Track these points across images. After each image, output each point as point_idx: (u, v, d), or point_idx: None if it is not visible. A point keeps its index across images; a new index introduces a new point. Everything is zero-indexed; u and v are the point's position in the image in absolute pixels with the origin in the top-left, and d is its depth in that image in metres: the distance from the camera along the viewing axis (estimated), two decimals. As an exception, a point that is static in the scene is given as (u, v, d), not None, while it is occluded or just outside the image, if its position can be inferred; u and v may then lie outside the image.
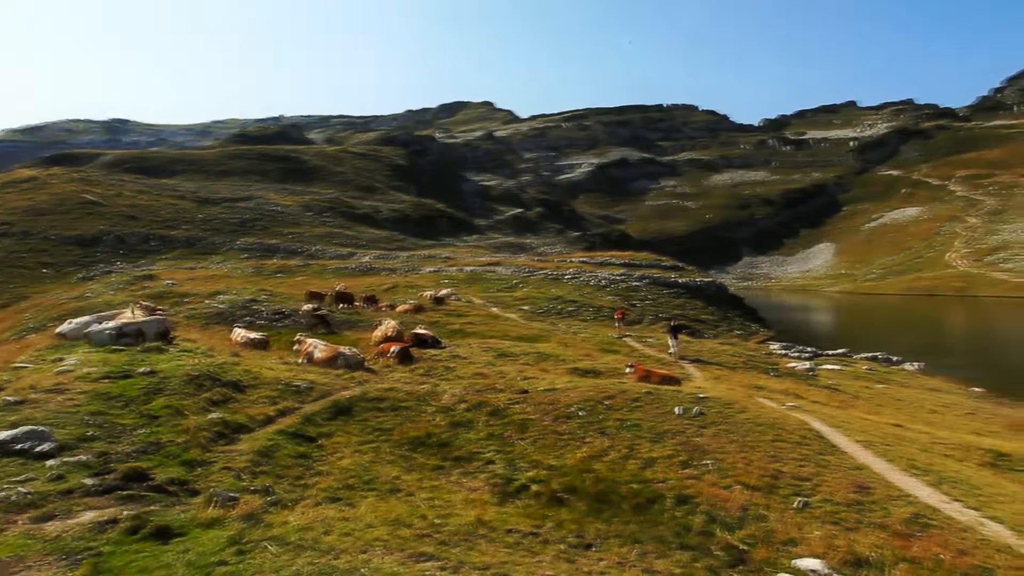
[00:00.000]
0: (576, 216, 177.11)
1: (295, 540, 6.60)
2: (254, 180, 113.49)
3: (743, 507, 9.38)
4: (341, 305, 33.93)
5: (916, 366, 38.17)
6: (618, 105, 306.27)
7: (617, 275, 56.36)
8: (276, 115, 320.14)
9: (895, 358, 39.72)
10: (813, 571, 7.91)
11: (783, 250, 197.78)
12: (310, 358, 16.50)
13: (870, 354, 39.85)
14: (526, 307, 42.18)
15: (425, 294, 40.70)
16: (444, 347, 21.13)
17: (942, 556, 8.21)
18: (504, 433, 12.31)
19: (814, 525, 9.05)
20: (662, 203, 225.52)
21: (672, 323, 28.53)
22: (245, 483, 8.34)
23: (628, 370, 18.44)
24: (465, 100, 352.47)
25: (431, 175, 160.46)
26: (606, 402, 13.64)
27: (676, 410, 13.21)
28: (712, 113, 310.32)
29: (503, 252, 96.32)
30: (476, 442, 11.87)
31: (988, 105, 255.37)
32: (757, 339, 46.11)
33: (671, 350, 26.61)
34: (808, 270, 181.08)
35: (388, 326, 21.58)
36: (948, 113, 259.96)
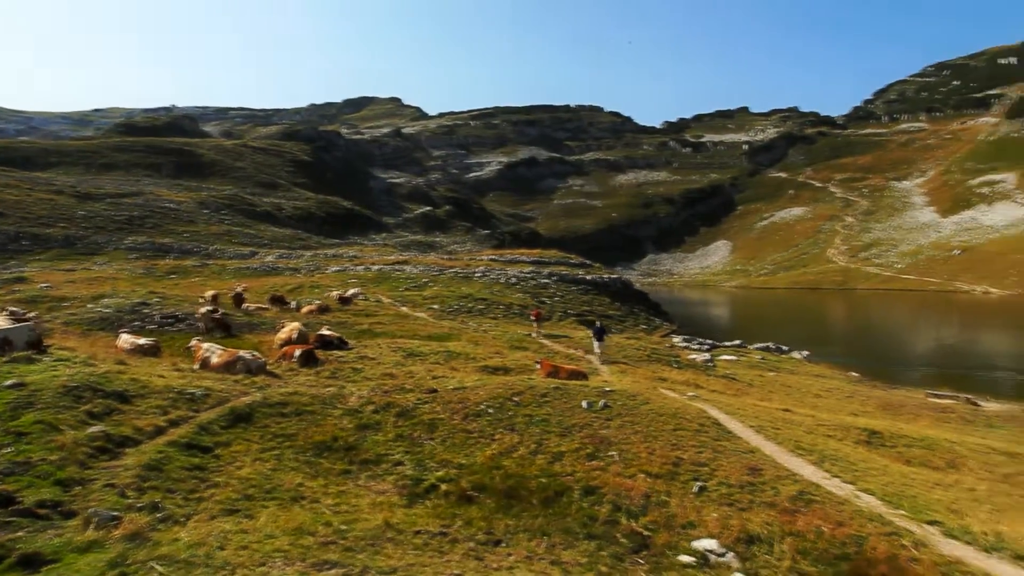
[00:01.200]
0: (486, 214, 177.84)
1: (185, 557, 6.20)
2: (143, 174, 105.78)
3: (646, 494, 9.74)
4: (242, 307, 32.34)
5: (803, 354, 41.12)
6: (526, 104, 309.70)
7: (526, 273, 57.02)
8: (166, 105, 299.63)
9: (785, 347, 42.60)
10: (710, 551, 8.35)
11: (684, 247, 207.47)
12: (206, 363, 15.60)
13: (763, 344, 42.52)
14: (436, 306, 41.87)
15: (331, 294, 39.50)
16: (351, 348, 20.60)
17: (823, 528, 8.88)
18: (413, 434, 12.16)
19: (711, 507, 9.54)
20: (570, 202, 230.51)
21: (597, 324, 27.49)
22: (130, 500, 7.75)
23: (537, 366, 18.70)
24: (371, 96, 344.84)
25: (337, 172, 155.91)
26: (515, 399, 13.77)
27: (583, 404, 13.54)
28: (617, 115, 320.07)
29: (412, 250, 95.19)
30: (384, 444, 11.65)
31: (861, 115, 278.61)
32: (661, 333, 48.09)
33: (596, 350, 25.86)
34: (707, 266, 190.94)
35: (291, 328, 20.77)
36: (828, 121, 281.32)
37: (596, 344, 25.79)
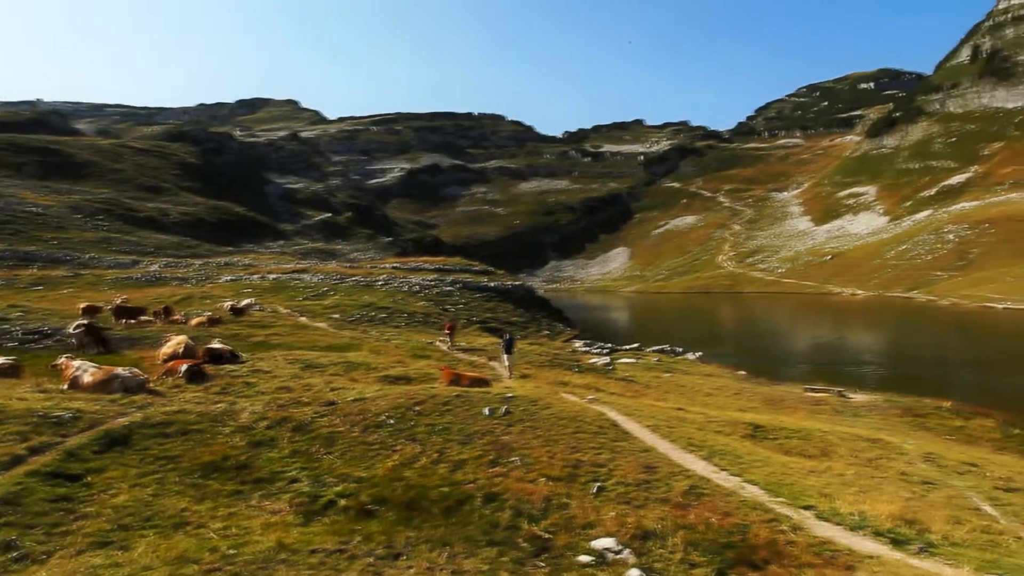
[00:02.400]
0: (388, 221, 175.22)
1: (44, 599, 5.65)
2: (2, 175, 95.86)
3: (547, 498, 9.89)
4: (123, 320, 29.97)
5: (696, 355, 43.31)
6: (429, 111, 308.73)
7: (430, 280, 56.62)
8: (31, 99, 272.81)
9: (679, 349, 44.71)
10: (607, 549, 8.58)
11: (585, 254, 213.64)
12: (76, 383, 14.30)
13: (659, 347, 44.42)
14: (336, 315, 40.66)
15: (223, 305, 37.42)
16: (244, 361, 19.60)
17: (712, 519, 9.37)
18: (310, 448, 11.72)
19: (609, 507, 9.82)
20: (473, 209, 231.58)
21: (506, 336, 25.75)
22: (-22, 540, 6.97)
23: (439, 374, 18.59)
24: (267, 97, 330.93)
25: (229, 176, 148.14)
26: (416, 408, 13.61)
27: (485, 411, 13.58)
28: (519, 124, 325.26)
29: (311, 258, 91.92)
30: (279, 461, 11.15)
31: (744, 130, 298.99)
32: (563, 338, 49.16)
33: (505, 363, 24.33)
34: (607, 272, 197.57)
35: (177, 342, 19.48)
36: (715, 135, 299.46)
37: (505, 357, 24.26)
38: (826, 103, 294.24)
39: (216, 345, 20.35)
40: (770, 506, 10.23)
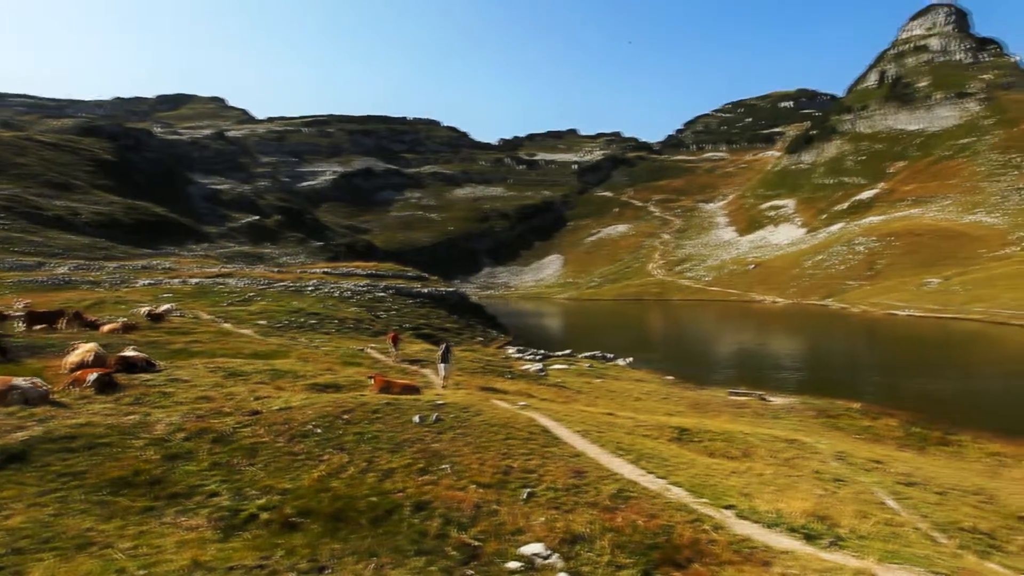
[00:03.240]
0: (320, 225, 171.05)
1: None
2: None
3: (477, 505, 9.85)
4: (35, 326, 27.89)
5: (626, 361, 44.26)
6: (362, 114, 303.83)
7: (362, 286, 55.61)
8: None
9: (610, 355, 45.57)
10: (536, 554, 8.62)
11: (519, 261, 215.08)
12: (-31, 395, 13.18)
13: (591, 353, 45.15)
14: (263, 321, 39.31)
15: (140, 310, 35.49)
16: (161, 370, 18.61)
17: (638, 522, 9.57)
18: (231, 460, 11.23)
19: (539, 512, 9.87)
20: (407, 214, 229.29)
21: (443, 345, 24.50)
22: None
23: (370, 382, 18.25)
24: (190, 93, 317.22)
25: (148, 175, 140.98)
26: (345, 416, 13.29)
27: (415, 419, 13.41)
28: (454, 129, 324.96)
29: (237, 262, 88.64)
30: (197, 474, 10.62)
31: (673, 143, 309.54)
32: (496, 344, 49.27)
33: (442, 372, 23.27)
34: (541, 279, 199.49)
35: (86, 349, 18.28)
36: (646, 146, 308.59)
37: (441, 366, 23.15)
38: (750, 119, 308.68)
39: (130, 353, 19.24)
40: (694, 507, 10.55)
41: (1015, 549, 11.96)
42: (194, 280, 54.71)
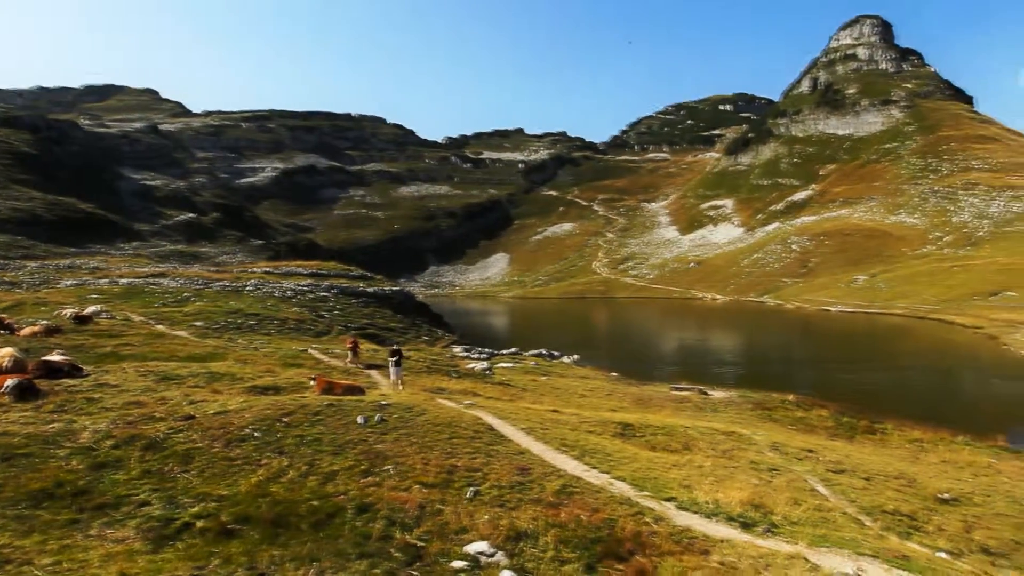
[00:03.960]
0: (260, 223, 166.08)
1: None
2: None
3: (421, 505, 9.77)
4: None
5: (572, 358, 44.76)
6: (305, 110, 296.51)
7: (304, 285, 54.35)
8: None
9: (556, 353, 46.01)
10: (481, 552, 8.62)
11: (465, 259, 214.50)
12: None
13: (536, 351, 45.46)
14: (199, 323, 37.91)
15: (64, 312, 33.59)
16: (87, 375, 17.68)
17: (582, 516, 9.70)
18: (164, 468, 10.79)
19: (483, 510, 9.87)
20: (351, 212, 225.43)
21: (394, 347, 23.54)
22: None
23: (311, 383, 17.85)
24: (120, 84, 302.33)
25: (73, 169, 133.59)
26: (285, 419, 12.96)
27: (359, 420, 13.20)
28: (399, 127, 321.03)
29: (172, 262, 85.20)
30: (126, 483, 10.15)
31: (618, 143, 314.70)
32: (442, 344, 49.00)
33: (392, 378, 22.57)
34: (487, 278, 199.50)
35: (2, 354, 17.21)
36: (591, 146, 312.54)
37: (393, 370, 22.45)
38: (690, 121, 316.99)
39: (53, 357, 18.22)
40: (636, 500, 10.76)
41: (932, 529, 12.70)
42: (124, 280, 52.27)
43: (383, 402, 15.17)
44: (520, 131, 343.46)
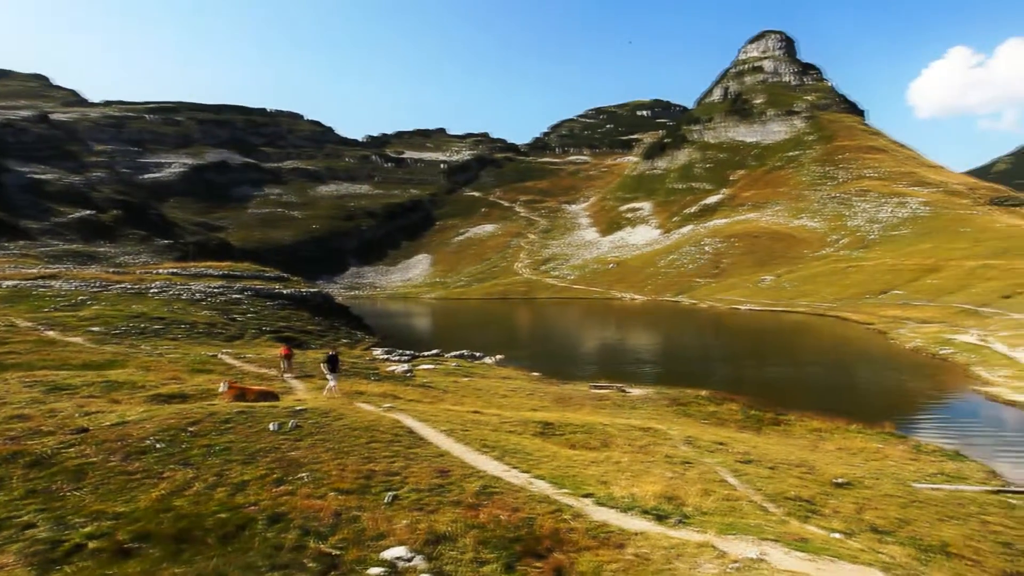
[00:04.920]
0: (166, 222, 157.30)
1: None
2: None
3: (337, 512, 9.50)
4: None
5: (494, 359, 44.88)
6: (216, 103, 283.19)
7: (215, 287, 51.85)
8: None
9: (478, 354, 45.99)
10: (399, 558, 8.47)
11: (386, 260, 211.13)
12: None
13: (458, 352, 45.29)
14: (97, 328, 35.41)
15: (-63, 318, 30.63)
16: (-37, 387, 16.17)
17: (501, 516, 9.71)
18: (52, 486, 9.98)
19: (402, 515, 9.71)
20: (267, 211, 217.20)
21: (330, 353, 22.31)
22: None
23: (222, 389, 17.04)
24: (6, 69, 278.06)
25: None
26: (191, 428, 12.29)
27: (271, 426, 12.70)
28: (318, 124, 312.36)
29: (66, 263, 79.23)
30: (7, 505, 9.32)
31: (540, 145, 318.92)
32: (362, 346, 47.99)
33: (330, 384, 21.32)
34: (409, 279, 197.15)
35: None
36: (513, 148, 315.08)
37: (331, 377, 21.28)
38: (610, 125, 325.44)
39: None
40: (555, 498, 10.89)
41: (829, 511, 13.55)
42: (8, 283, 48.07)
43: (298, 407, 14.67)
44: (442, 131, 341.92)
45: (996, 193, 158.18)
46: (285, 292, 55.81)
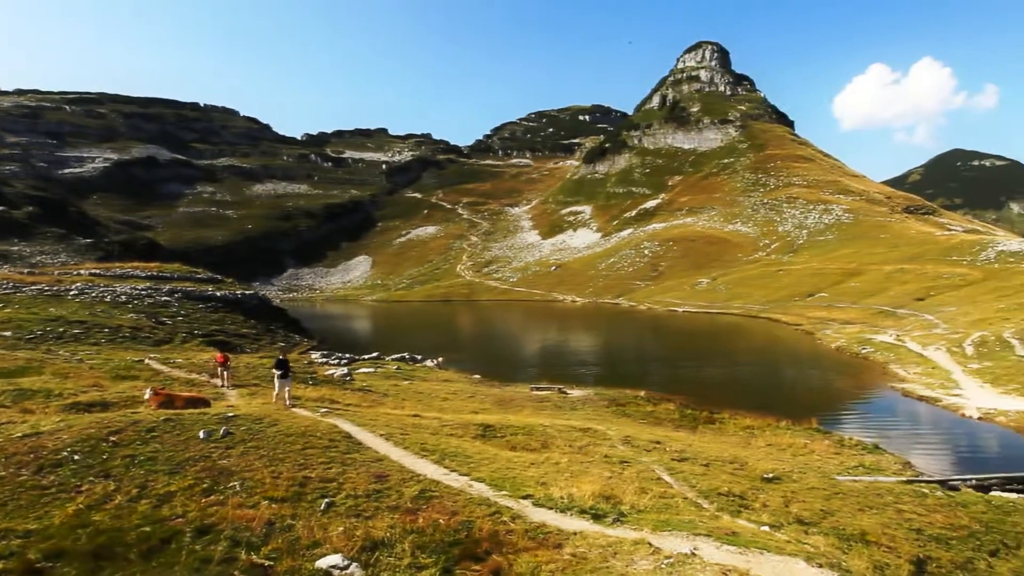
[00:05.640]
0: (88, 220, 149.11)
1: None
2: None
3: (269, 522, 9.23)
4: None
5: (435, 362, 44.54)
6: (144, 96, 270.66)
7: (142, 289, 49.50)
8: None
9: (419, 357, 45.57)
10: (334, 566, 8.29)
11: (326, 262, 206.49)
12: None
13: (399, 355, 44.75)
14: (8, 333, 33.22)
15: None
16: None
17: (440, 520, 9.64)
18: (-47, 502, 9.30)
19: (337, 522, 9.51)
20: (199, 210, 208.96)
21: (280, 357, 20.13)
22: None
23: (148, 396, 16.26)
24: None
25: None
26: (112, 438, 11.68)
27: (200, 434, 12.22)
28: (254, 120, 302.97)
29: (-25, 262, 74.01)
30: (-99, 524, 8.63)
31: (482, 147, 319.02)
32: (300, 350, 46.78)
33: (278, 391, 19.55)
34: (349, 281, 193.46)
35: None
36: (455, 149, 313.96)
37: (278, 383, 19.43)
38: (552, 129, 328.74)
39: None
40: (494, 500, 10.90)
41: (758, 505, 14.07)
42: (-90, 284, 44.56)
43: (230, 414, 14.16)
44: (383, 131, 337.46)
45: (910, 202, 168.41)
46: (218, 294, 53.77)
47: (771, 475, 16.96)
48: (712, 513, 12.64)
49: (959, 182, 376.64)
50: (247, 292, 60.16)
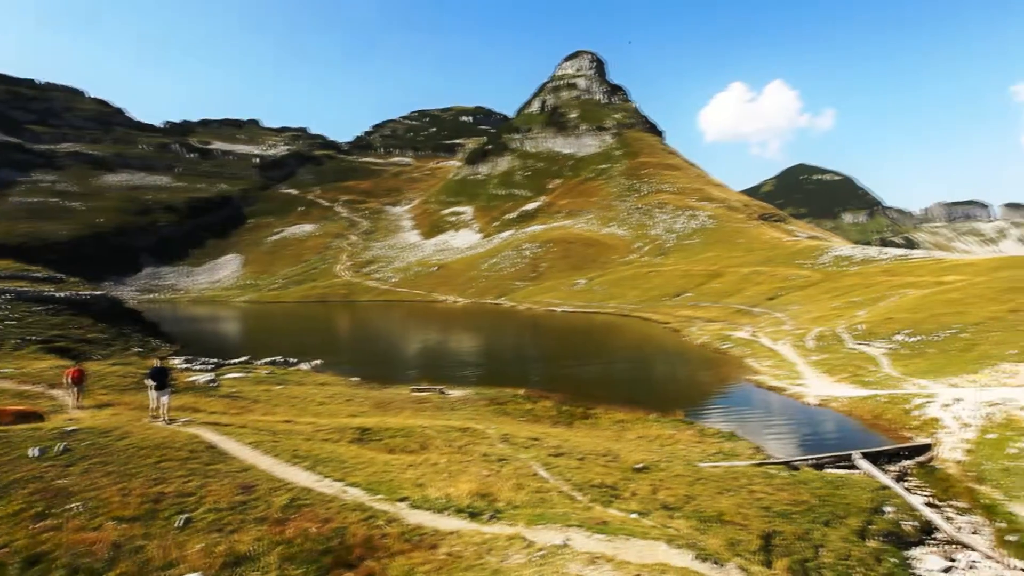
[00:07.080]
0: None
1: None
2: None
3: (116, 544, 8.43)
4: None
5: (311, 365, 42.78)
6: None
7: (-36, 289, 43.51)
8: None
9: (293, 360, 43.55)
10: (191, 587, 7.72)
11: (190, 260, 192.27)
12: None
13: (271, 359, 42.56)
14: None
15: None
16: None
17: (311, 529, 9.27)
18: None
19: (197, 538, 8.87)
20: (37, 200, 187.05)
21: (157, 364, 17.73)
22: None
23: (-33, 412, 14.30)
24: None
25: None
26: (-82, 460, 10.15)
27: (32, 452, 10.92)
28: (104, 103, 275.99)
29: None
30: None
31: (362, 144, 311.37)
32: (160, 355, 43.12)
33: (154, 404, 17.08)
34: (217, 281, 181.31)
35: None
36: (334, 145, 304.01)
37: (155, 395, 17.08)
38: (434, 129, 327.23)
39: None
40: (369, 504, 10.65)
41: (628, 495, 14.80)
42: None
43: (70, 428, 12.77)
44: (256, 123, 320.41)
45: (764, 210, 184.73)
46: (59, 295, 48.29)
47: (641, 465, 17.90)
48: (585, 505, 13.12)
49: (803, 193, 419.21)
50: (95, 293, 54.52)
